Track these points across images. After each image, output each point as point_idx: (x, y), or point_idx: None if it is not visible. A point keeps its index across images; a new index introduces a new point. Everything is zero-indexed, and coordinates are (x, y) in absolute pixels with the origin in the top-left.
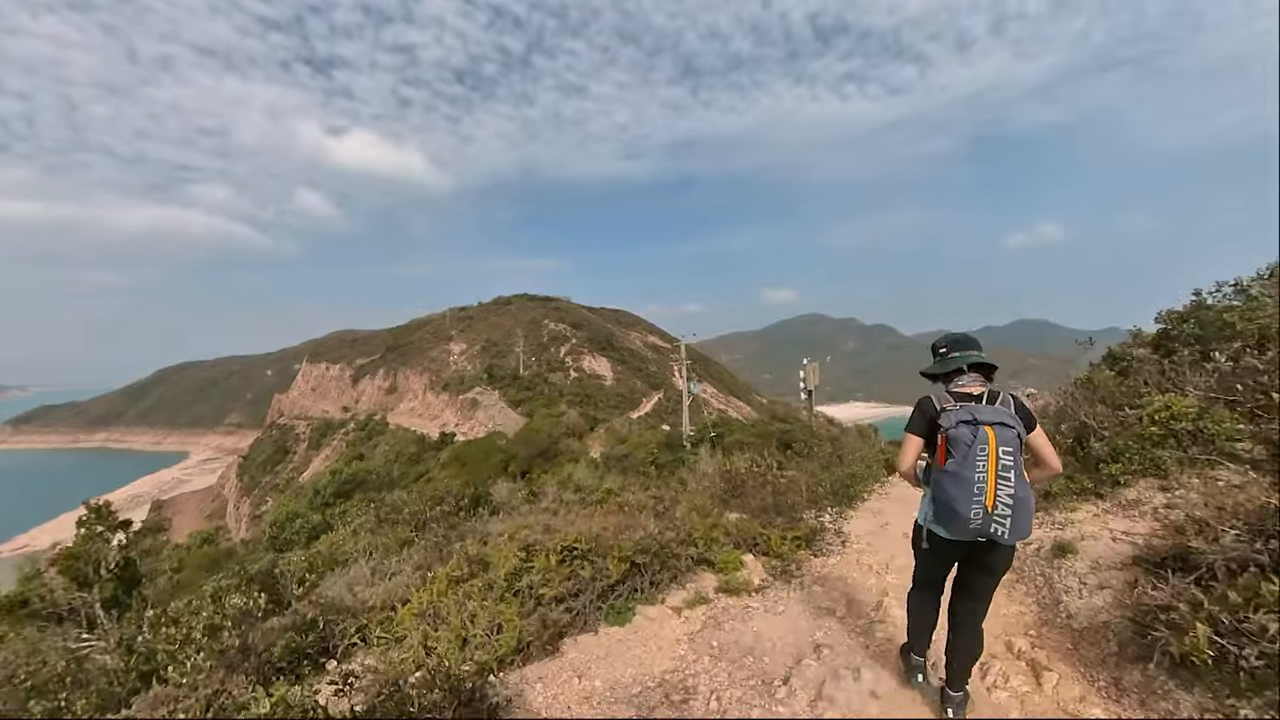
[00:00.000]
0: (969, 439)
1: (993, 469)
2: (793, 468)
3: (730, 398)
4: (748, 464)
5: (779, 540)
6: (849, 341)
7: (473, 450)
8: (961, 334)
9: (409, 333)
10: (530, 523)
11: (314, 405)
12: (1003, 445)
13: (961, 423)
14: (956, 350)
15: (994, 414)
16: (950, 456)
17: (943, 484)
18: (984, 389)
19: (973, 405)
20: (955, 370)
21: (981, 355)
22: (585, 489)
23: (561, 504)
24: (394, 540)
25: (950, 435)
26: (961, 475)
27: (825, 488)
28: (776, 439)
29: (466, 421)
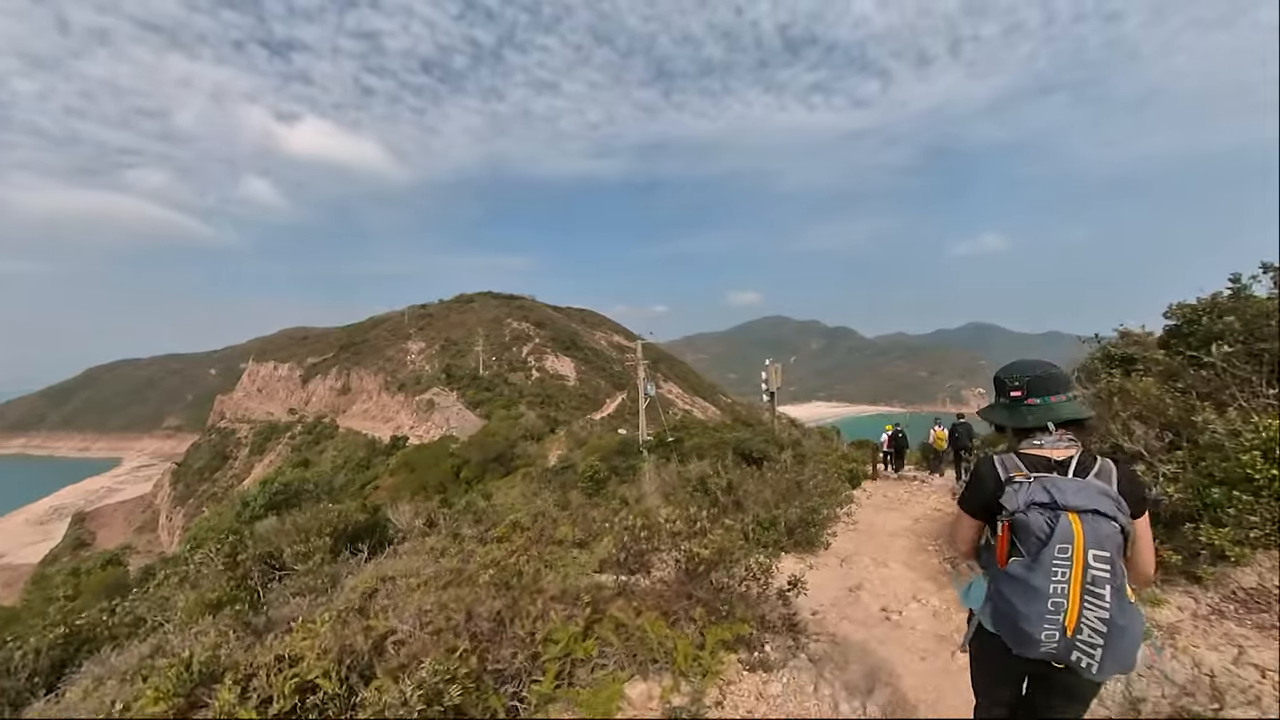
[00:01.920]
0: (1044, 531)
1: (1077, 580)
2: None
3: (695, 398)
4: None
5: (690, 653)
6: (812, 343)
7: (423, 456)
8: (1044, 367)
9: (365, 331)
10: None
11: (259, 407)
12: (1094, 548)
13: (1034, 505)
14: (1038, 395)
15: (1084, 494)
16: (1015, 552)
17: (1003, 590)
18: (1072, 452)
19: (1054, 479)
20: (1034, 427)
21: (1074, 403)
22: (488, 519)
23: (452, 540)
24: (198, 604)
25: (1017, 522)
26: (1030, 584)
27: (780, 528)
28: (733, 448)
29: (422, 424)
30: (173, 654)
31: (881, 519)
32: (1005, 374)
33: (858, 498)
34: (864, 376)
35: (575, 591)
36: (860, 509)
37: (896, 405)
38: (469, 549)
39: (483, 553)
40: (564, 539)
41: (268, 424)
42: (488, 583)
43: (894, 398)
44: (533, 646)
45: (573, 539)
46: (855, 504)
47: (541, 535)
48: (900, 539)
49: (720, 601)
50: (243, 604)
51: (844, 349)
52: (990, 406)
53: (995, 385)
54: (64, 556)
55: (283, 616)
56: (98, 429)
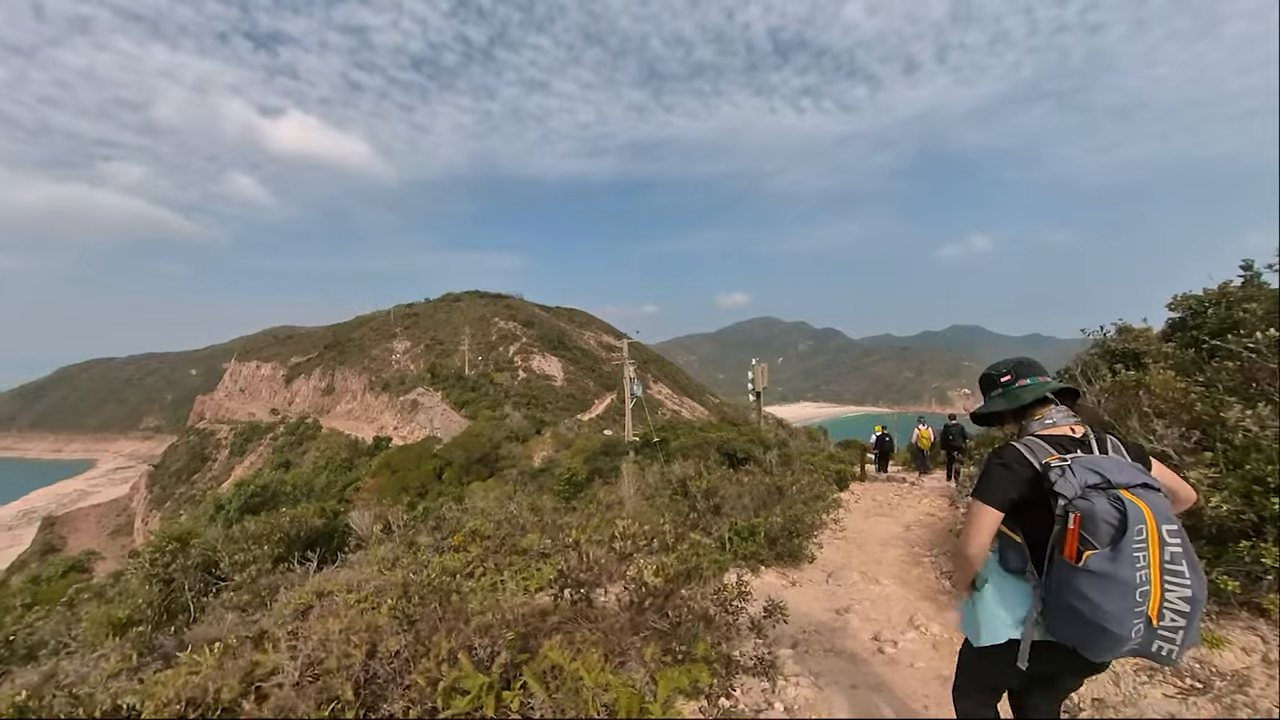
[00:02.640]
0: (1114, 516)
1: (1156, 562)
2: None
3: (684, 398)
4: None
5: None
6: (800, 344)
7: (405, 457)
8: (1023, 356)
9: (350, 330)
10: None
11: (241, 407)
12: (1165, 523)
13: (1092, 489)
14: (1026, 375)
15: (1126, 471)
16: (1087, 547)
17: (1084, 590)
18: (1085, 429)
19: (1093, 458)
20: (1035, 402)
21: (1060, 383)
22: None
23: (407, 549)
24: (104, 623)
25: (1083, 511)
26: (1117, 576)
27: (760, 539)
28: (717, 449)
29: (406, 424)
30: (62, 685)
31: (871, 525)
32: (990, 369)
33: (846, 501)
34: (851, 377)
35: (506, 621)
36: (848, 514)
37: (883, 406)
38: (424, 559)
39: (436, 563)
40: (528, 548)
41: (249, 425)
42: (391, 610)
43: (880, 398)
44: (433, 698)
45: (538, 548)
46: (843, 508)
47: (503, 544)
48: (892, 549)
49: (679, 637)
50: (150, 624)
51: (832, 350)
52: (983, 404)
53: (983, 384)
54: (32, 563)
55: (199, 637)
56: (71, 429)
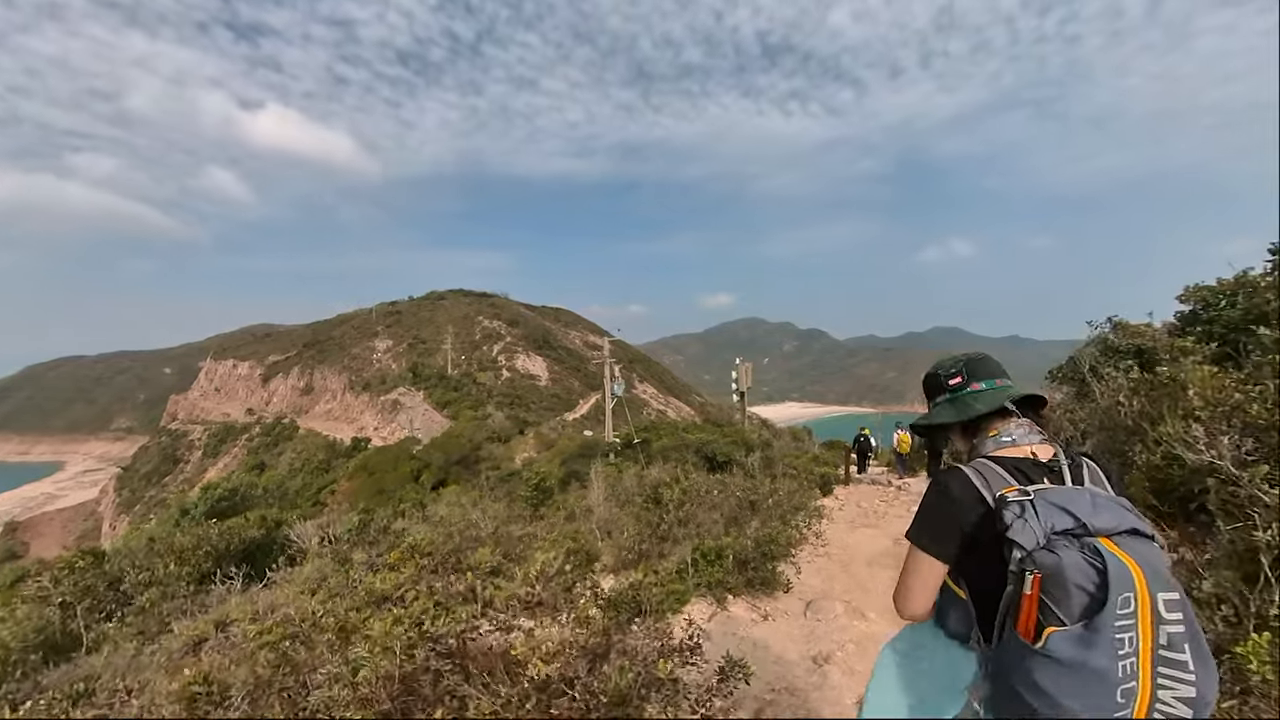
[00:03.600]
0: (1090, 578)
1: (1147, 648)
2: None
3: (670, 398)
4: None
5: None
6: (785, 344)
7: (382, 459)
8: (973, 353)
9: (331, 328)
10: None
11: (216, 407)
12: (1162, 590)
13: (1060, 537)
14: (979, 379)
15: (1107, 509)
16: (1050, 620)
17: (1036, 682)
18: (1053, 449)
19: (1060, 492)
20: (990, 413)
21: (1020, 389)
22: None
23: (338, 567)
24: None
25: (1048, 570)
26: (1089, 665)
27: (729, 562)
28: (696, 451)
29: (387, 425)
30: None
31: (856, 539)
32: (936, 368)
33: (829, 508)
34: (836, 378)
35: (360, 697)
36: (831, 524)
37: (867, 406)
38: (355, 577)
39: (368, 583)
40: (478, 564)
41: (224, 425)
42: (269, 657)
43: (864, 399)
44: None
45: (489, 565)
46: (826, 518)
47: (447, 561)
48: (881, 570)
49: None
50: (39, 653)
51: (817, 350)
52: (926, 414)
53: (927, 387)
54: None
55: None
56: (38, 431)
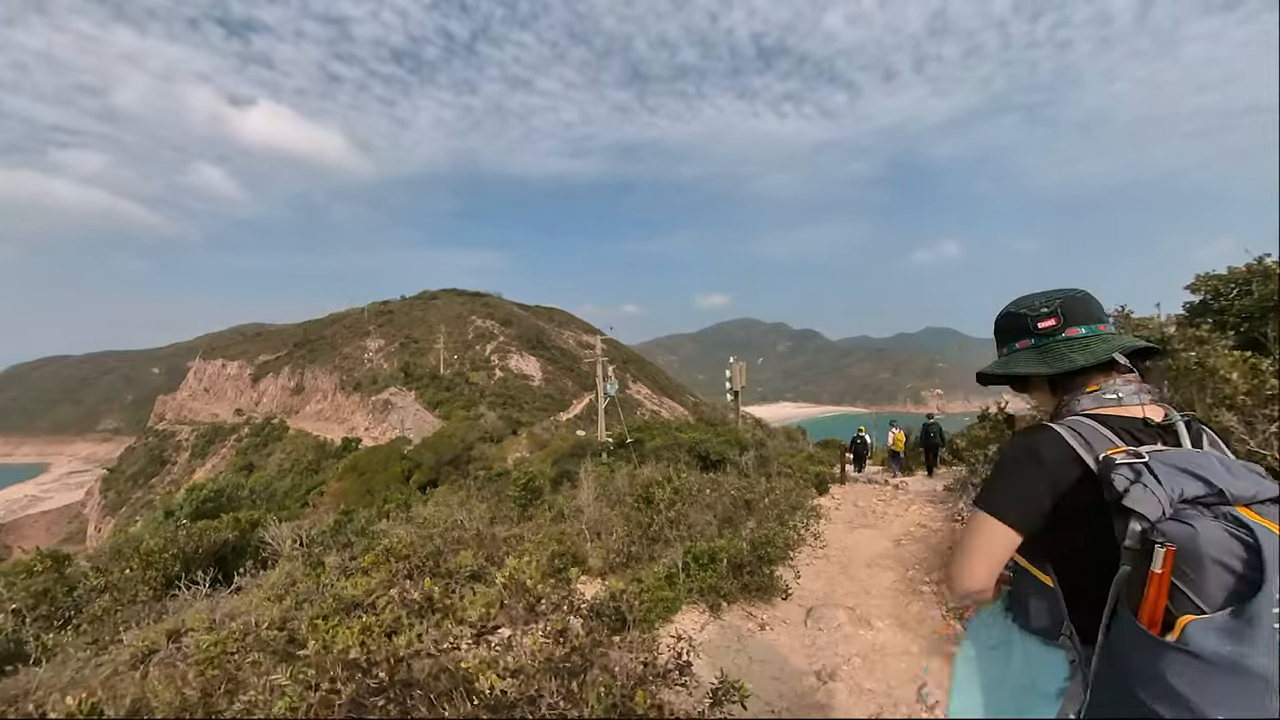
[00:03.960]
0: (1239, 557)
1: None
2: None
3: (664, 398)
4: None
5: None
6: (779, 344)
7: (373, 459)
8: (1071, 290)
9: (322, 328)
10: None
11: (204, 408)
12: None
13: (1192, 505)
14: (1079, 322)
15: (1246, 475)
16: (1185, 608)
17: (1172, 683)
18: (1165, 409)
19: (1180, 453)
20: (1091, 368)
21: (1129, 337)
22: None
23: (310, 570)
24: None
25: (1182, 544)
26: (1244, 664)
27: (723, 566)
28: (689, 450)
29: (378, 425)
30: None
31: (856, 540)
32: (1019, 306)
33: (826, 508)
34: (829, 378)
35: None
36: (829, 524)
37: (860, 406)
38: (326, 582)
39: (339, 588)
40: (459, 569)
41: (212, 426)
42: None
43: (858, 399)
44: None
45: (470, 568)
46: (824, 518)
47: (424, 564)
48: (883, 572)
49: None
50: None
51: (810, 351)
52: (1001, 361)
53: (1002, 328)
54: None
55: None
56: (23, 432)
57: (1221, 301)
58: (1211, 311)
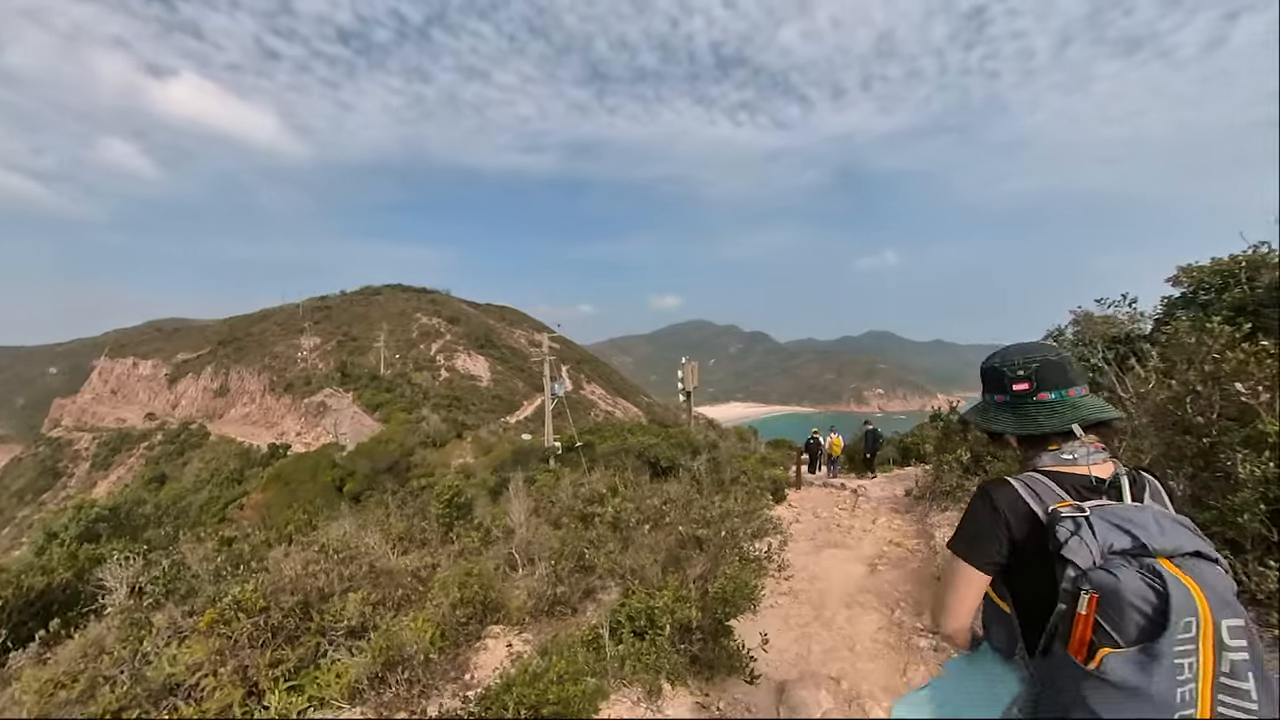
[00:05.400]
0: (1148, 600)
1: (1208, 675)
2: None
3: (618, 399)
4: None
5: None
6: (731, 346)
7: (300, 467)
8: (1051, 350)
9: (250, 324)
10: None
11: (110, 412)
12: (1228, 616)
13: (1118, 557)
14: (1050, 388)
15: (1172, 530)
16: (1105, 642)
17: (1090, 704)
18: (1114, 467)
19: (1116, 509)
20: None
21: (1095, 398)
22: (204, 592)
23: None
24: None
25: (1106, 590)
26: (1146, 691)
27: (666, 633)
28: (638, 456)
29: (311, 429)
30: None
31: (825, 565)
32: (1002, 361)
33: (784, 519)
34: (778, 378)
35: None
36: (792, 542)
37: (807, 405)
38: (148, 650)
39: (162, 660)
40: (336, 623)
41: (118, 432)
42: None
43: (805, 398)
44: None
45: (352, 621)
46: (785, 534)
47: (286, 621)
48: (865, 613)
49: None
50: None
51: (761, 352)
52: (982, 410)
53: (986, 378)
54: None
55: None
56: None
57: (1206, 294)
58: (1196, 304)
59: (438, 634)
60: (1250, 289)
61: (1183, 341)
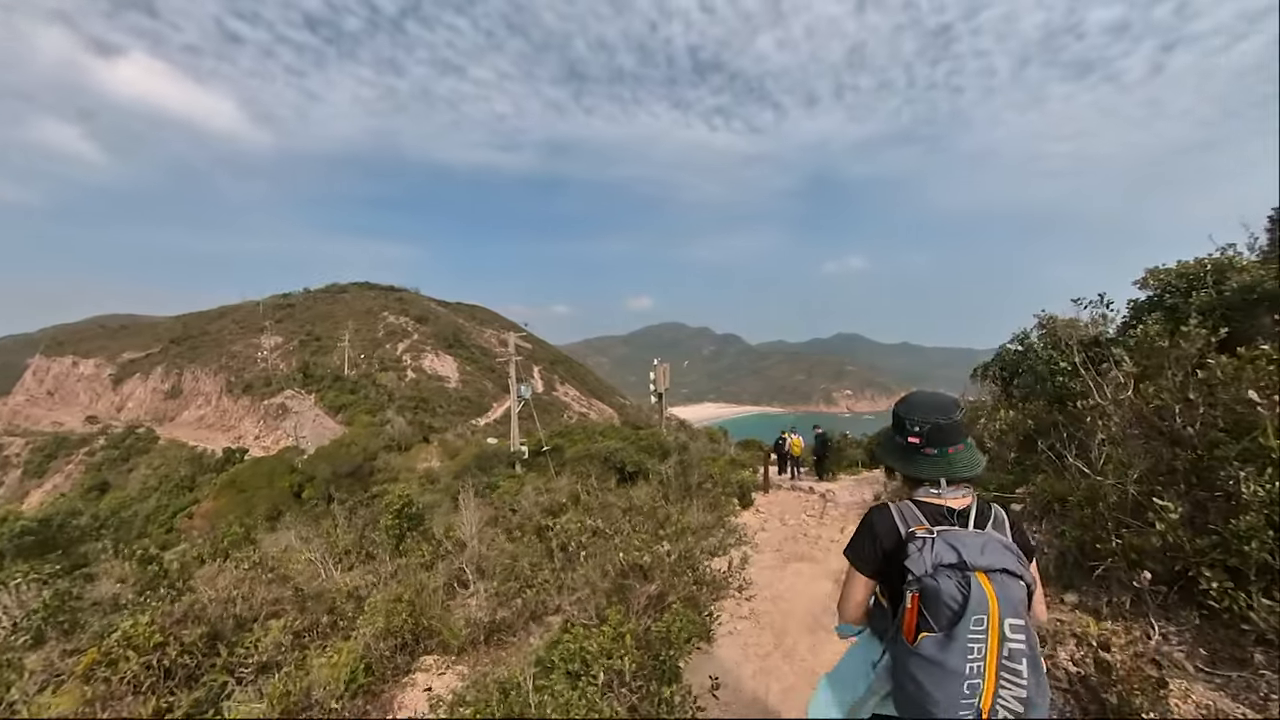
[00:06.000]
0: (956, 600)
1: (993, 655)
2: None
3: (593, 400)
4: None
5: None
6: (704, 348)
7: (256, 473)
8: (945, 412)
9: (206, 321)
10: None
11: (46, 415)
12: (1010, 616)
13: (943, 568)
14: (935, 446)
15: (991, 551)
16: (924, 627)
17: (914, 672)
18: (969, 500)
19: (957, 534)
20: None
21: (971, 452)
22: (92, 626)
23: None
24: None
25: (927, 590)
26: (944, 664)
27: (599, 680)
28: (603, 460)
29: (270, 432)
30: None
31: (789, 582)
32: (906, 413)
33: (750, 527)
34: (750, 379)
35: None
36: (756, 554)
37: (777, 405)
38: (13, 699)
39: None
40: (247, 658)
41: (55, 437)
42: None
43: (775, 399)
44: None
45: (264, 657)
46: (749, 543)
47: (181, 660)
48: (829, 640)
49: None
50: None
51: (733, 354)
52: (886, 444)
53: (894, 420)
54: None
55: None
56: None
57: (1173, 298)
58: (1162, 307)
59: (360, 669)
60: (1218, 292)
61: (1155, 345)
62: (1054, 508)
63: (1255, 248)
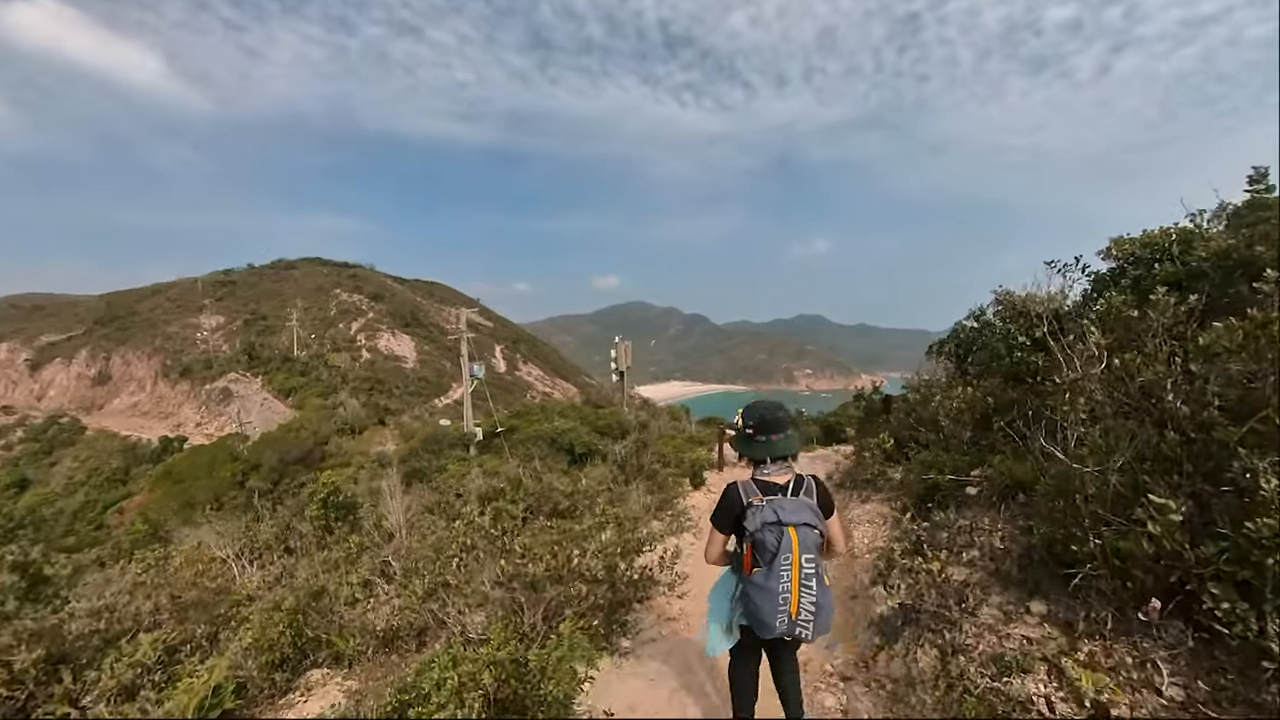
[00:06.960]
0: (773, 545)
1: (796, 577)
2: None
3: (557, 380)
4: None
5: None
6: (671, 327)
7: (195, 462)
8: (771, 410)
9: (136, 300)
10: None
11: None
12: (805, 552)
13: (767, 525)
14: (764, 434)
15: (798, 511)
16: (756, 564)
17: (750, 594)
18: (789, 477)
19: (779, 500)
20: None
21: (789, 439)
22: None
23: None
24: None
25: (756, 540)
26: (767, 587)
27: (473, 705)
28: (551, 442)
29: (213, 419)
30: None
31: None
32: (746, 413)
33: (697, 510)
34: (715, 359)
35: None
36: (700, 538)
37: (741, 384)
38: None
39: None
40: (92, 687)
41: None
42: None
43: (739, 378)
44: None
45: (123, 677)
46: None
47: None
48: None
49: None
50: None
51: (699, 333)
52: (738, 436)
53: (742, 418)
54: None
55: None
56: None
57: (1137, 269)
58: (1126, 277)
59: (229, 692)
60: (1182, 263)
61: (1123, 315)
62: (1014, 494)
63: (1224, 213)
